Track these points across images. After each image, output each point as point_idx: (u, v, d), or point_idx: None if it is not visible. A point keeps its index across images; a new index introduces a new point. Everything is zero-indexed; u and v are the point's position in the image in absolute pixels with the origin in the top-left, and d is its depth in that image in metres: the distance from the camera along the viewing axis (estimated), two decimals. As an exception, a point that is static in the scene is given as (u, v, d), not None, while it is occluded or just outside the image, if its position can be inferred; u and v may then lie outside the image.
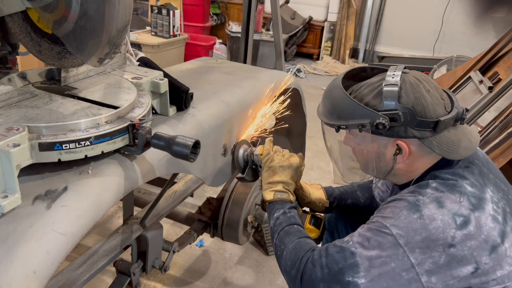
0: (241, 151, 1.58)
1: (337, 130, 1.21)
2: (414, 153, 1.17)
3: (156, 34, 4.44)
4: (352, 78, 1.30)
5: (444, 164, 1.18)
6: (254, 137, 1.68)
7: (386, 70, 1.23)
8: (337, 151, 1.40)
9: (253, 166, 1.57)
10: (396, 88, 1.12)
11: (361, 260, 1.09)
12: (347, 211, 1.63)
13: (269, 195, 1.40)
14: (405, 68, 1.19)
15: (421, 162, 1.19)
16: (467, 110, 1.17)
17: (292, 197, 1.42)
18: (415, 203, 1.10)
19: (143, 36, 4.39)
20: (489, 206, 1.11)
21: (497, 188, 1.17)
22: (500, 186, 1.19)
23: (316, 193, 1.58)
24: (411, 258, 1.06)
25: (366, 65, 1.36)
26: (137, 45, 4.16)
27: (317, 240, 1.52)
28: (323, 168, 3.45)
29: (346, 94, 1.18)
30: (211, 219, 1.94)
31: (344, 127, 1.19)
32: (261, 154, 1.50)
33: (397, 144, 1.16)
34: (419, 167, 1.20)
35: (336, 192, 1.62)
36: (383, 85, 1.15)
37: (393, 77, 1.15)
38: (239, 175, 1.59)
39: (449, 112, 1.15)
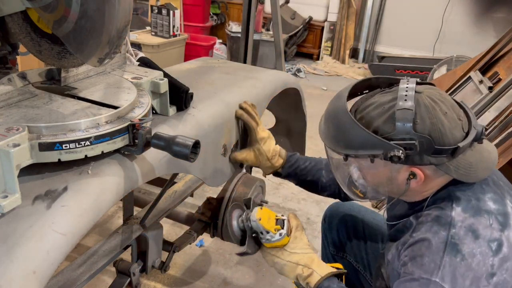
0: (234, 220, 1.33)
1: (345, 159, 1.12)
2: (429, 176, 1.10)
3: (156, 34, 4.44)
4: (356, 89, 1.22)
5: (459, 180, 1.10)
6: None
7: (393, 81, 1.15)
8: (343, 172, 1.26)
9: (253, 234, 1.31)
10: (410, 114, 1.02)
11: None
12: (304, 186, 1.57)
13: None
14: (416, 83, 1.09)
15: (436, 182, 1.12)
16: (486, 129, 1.10)
17: (315, 275, 1.23)
18: (451, 241, 1.01)
19: (143, 36, 4.39)
20: None
21: (511, 196, 1.14)
22: (510, 193, 1.16)
23: (274, 160, 1.52)
24: None
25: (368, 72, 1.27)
26: (137, 45, 4.16)
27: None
28: (323, 168, 3.45)
29: (354, 120, 1.07)
30: (211, 219, 1.94)
31: (353, 156, 1.10)
32: (259, 219, 1.27)
33: (411, 170, 1.08)
34: (433, 187, 1.13)
35: (300, 165, 1.54)
36: (395, 108, 1.04)
37: (406, 99, 1.03)
38: (239, 250, 1.34)
39: (467, 133, 1.07)
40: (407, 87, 1.07)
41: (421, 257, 1.03)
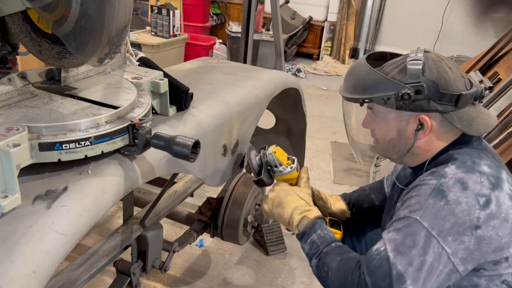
0: (253, 154, 1.52)
1: (362, 104, 1.22)
2: (434, 129, 1.19)
3: (156, 34, 4.44)
4: (373, 60, 1.31)
5: (460, 144, 1.20)
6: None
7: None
8: (356, 132, 1.42)
9: (268, 167, 1.50)
10: (420, 64, 1.16)
11: (403, 268, 1.07)
12: (364, 216, 1.62)
13: (295, 230, 1.34)
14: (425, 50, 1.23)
15: (439, 140, 1.21)
16: (486, 89, 1.22)
17: (315, 211, 1.34)
18: (439, 188, 1.10)
19: (143, 36, 4.39)
20: (506, 185, 1.13)
21: (507, 172, 1.20)
22: (507, 170, 1.21)
23: (337, 204, 1.56)
24: (446, 248, 1.06)
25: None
26: (137, 45, 4.16)
27: (341, 241, 1.51)
28: (323, 168, 3.45)
29: (371, 68, 1.21)
30: (211, 219, 1.94)
31: (369, 100, 1.20)
32: (274, 152, 1.46)
33: (419, 120, 1.18)
34: (437, 146, 1.22)
35: (353, 199, 1.62)
36: (407, 61, 1.18)
37: (416, 55, 1.19)
38: (256, 178, 1.51)
39: (469, 90, 1.18)
40: (417, 50, 1.22)
41: (409, 199, 1.15)
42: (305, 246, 1.27)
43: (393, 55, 1.32)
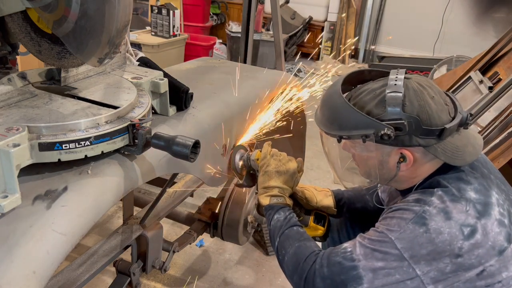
0: (237, 157, 1.56)
1: (339, 141, 1.17)
2: (418, 160, 1.14)
3: (156, 34, 4.45)
4: (350, 81, 1.25)
5: (447, 168, 1.15)
6: (254, 138, 1.67)
7: (385, 73, 1.19)
8: (336, 157, 1.36)
9: (251, 171, 1.55)
10: (400, 95, 1.08)
11: (364, 272, 1.08)
12: (357, 215, 1.61)
13: (265, 200, 1.40)
14: (406, 72, 1.16)
15: (424, 168, 1.17)
16: (471, 115, 1.14)
17: (288, 201, 1.41)
18: (421, 215, 1.07)
19: (143, 36, 4.39)
20: (495, 210, 1.09)
21: (499, 189, 1.16)
22: (500, 187, 1.18)
23: (325, 201, 1.56)
24: (416, 270, 1.05)
25: (366, 66, 1.32)
26: (137, 45, 4.16)
27: (323, 237, 1.51)
28: (323, 168, 3.45)
29: (347, 103, 1.13)
30: (211, 219, 1.94)
31: (347, 137, 1.15)
32: (257, 159, 1.49)
33: (401, 153, 1.13)
34: (422, 173, 1.17)
35: (345, 196, 1.61)
36: (386, 92, 1.10)
37: (395, 84, 1.10)
38: (237, 181, 1.58)
39: (453, 118, 1.12)
40: (397, 76, 1.13)
41: (391, 219, 1.12)
42: (270, 224, 1.34)
43: (372, 71, 1.26)
